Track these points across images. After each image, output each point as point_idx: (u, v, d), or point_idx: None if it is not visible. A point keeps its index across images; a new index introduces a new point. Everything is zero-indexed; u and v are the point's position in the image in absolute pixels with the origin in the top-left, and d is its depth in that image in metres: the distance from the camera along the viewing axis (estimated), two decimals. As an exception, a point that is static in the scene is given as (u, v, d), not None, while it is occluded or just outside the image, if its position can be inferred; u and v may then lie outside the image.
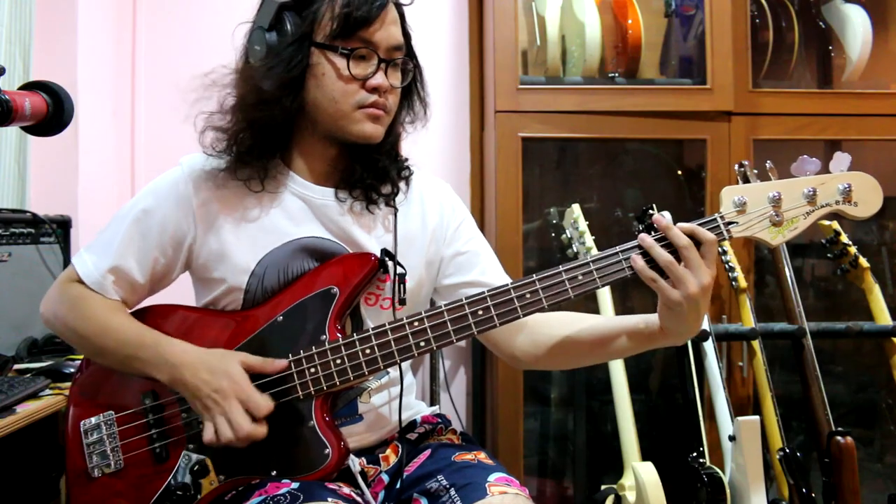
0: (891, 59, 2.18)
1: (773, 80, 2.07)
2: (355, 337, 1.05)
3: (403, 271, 1.13)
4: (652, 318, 1.05)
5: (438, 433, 1.23)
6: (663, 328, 1.03)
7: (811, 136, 2.01)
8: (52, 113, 0.92)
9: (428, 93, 1.20)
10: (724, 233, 1.02)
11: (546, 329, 1.15)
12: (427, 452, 1.15)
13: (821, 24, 2.19)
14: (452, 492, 1.02)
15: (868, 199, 1.04)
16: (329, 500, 0.98)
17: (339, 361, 1.04)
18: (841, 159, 1.04)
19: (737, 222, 1.03)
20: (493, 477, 1.05)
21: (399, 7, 1.13)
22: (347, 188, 1.15)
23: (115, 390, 1.10)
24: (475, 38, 2.21)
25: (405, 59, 1.13)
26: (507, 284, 1.03)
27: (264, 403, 1.01)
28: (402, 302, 1.12)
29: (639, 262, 0.99)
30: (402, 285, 1.12)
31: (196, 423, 1.06)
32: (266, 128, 1.09)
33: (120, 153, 2.13)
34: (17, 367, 1.49)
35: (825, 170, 1.05)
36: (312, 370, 1.04)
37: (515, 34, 1.90)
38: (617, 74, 2.00)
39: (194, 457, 1.05)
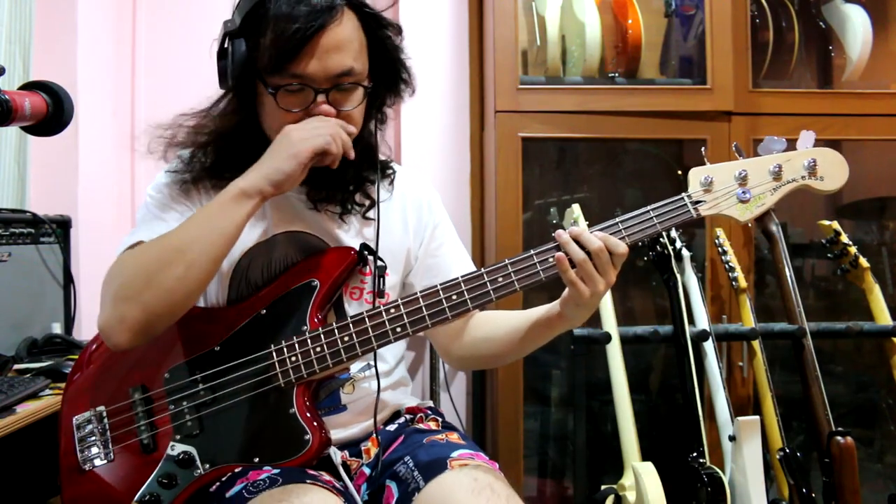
0: (891, 59, 2.18)
1: (773, 80, 2.06)
2: (334, 325, 1.07)
3: (384, 264, 1.15)
4: (552, 307, 1.11)
5: (418, 421, 1.23)
6: (562, 314, 1.09)
7: (811, 136, 2.01)
8: (52, 113, 0.92)
9: (410, 72, 1.15)
10: (693, 212, 1.04)
11: (469, 331, 1.21)
12: (400, 438, 1.16)
13: (821, 23, 2.18)
14: (416, 472, 1.04)
15: (833, 172, 1.04)
16: (308, 482, 0.99)
17: (318, 349, 1.06)
18: (806, 137, 1.06)
19: (704, 201, 1.05)
20: (456, 453, 1.06)
21: (357, 13, 1.06)
22: (323, 186, 1.16)
23: (106, 386, 1.12)
24: (475, 38, 2.21)
25: (362, 79, 1.07)
26: (480, 270, 1.06)
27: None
28: (381, 294, 1.14)
29: (564, 261, 1.02)
30: (381, 278, 1.14)
31: (182, 415, 1.08)
32: (232, 148, 1.11)
33: (120, 153, 2.13)
34: (17, 367, 1.49)
35: (792, 149, 1.06)
36: (293, 359, 1.07)
37: (515, 34, 1.90)
38: (617, 74, 2.00)
39: (180, 447, 1.07)
